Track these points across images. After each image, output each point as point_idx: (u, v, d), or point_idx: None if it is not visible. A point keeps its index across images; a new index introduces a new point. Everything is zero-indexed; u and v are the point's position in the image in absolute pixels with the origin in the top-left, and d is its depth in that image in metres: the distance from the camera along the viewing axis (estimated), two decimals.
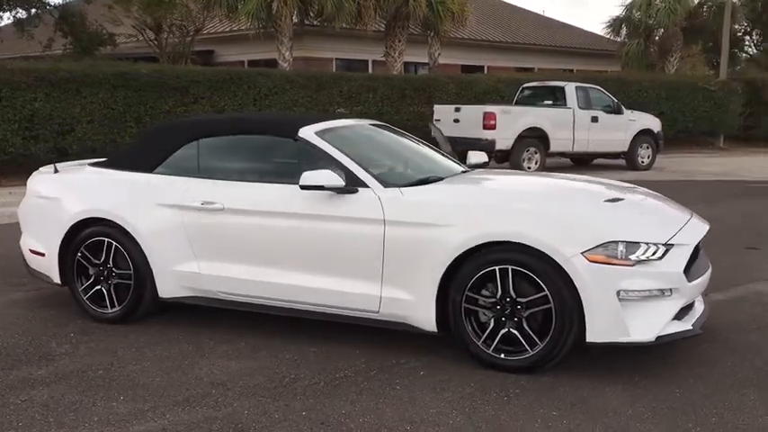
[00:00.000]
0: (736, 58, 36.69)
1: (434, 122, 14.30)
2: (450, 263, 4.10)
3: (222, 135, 5.09)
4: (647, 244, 3.92)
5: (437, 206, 4.28)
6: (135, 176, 5.10)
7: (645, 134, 15.78)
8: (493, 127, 13.77)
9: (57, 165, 5.59)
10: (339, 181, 4.37)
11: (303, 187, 4.38)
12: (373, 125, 5.63)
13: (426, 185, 4.60)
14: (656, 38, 25.22)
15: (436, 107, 15.34)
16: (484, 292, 4.12)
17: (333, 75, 17.61)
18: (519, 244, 3.95)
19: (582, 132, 14.83)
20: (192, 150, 5.04)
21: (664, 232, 4.05)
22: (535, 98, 15.70)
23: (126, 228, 4.93)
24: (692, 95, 21.75)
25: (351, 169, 4.47)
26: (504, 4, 32.28)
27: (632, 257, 3.88)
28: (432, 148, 5.67)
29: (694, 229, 4.30)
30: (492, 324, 4.09)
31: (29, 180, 5.63)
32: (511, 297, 4.02)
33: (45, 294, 5.85)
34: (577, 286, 3.85)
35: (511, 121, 14.01)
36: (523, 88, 16.14)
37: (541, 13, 34.98)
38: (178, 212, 4.84)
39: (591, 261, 3.84)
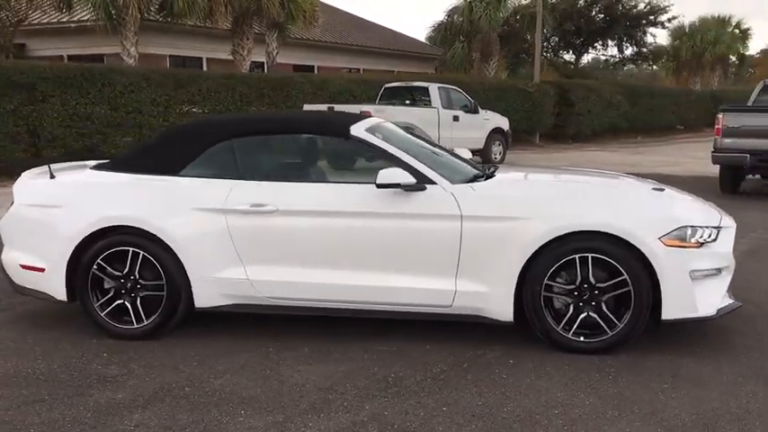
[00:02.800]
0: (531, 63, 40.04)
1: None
2: (531, 254, 4.31)
3: (261, 134, 4.88)
4: (703, 228, 4.39)
5: (515, 200, 4.47)
6: (161, 180, 4.74)
7: (497, 132, 16.90)
8: None
9: (51, 167, 5.02)
10: (411, 179, 4.42)
11: (380, 186, 4.37)
12: (395, 123, 5.68)
13: (489, 181, 4.76)
14: (476, 42, 26.88)
15: (306, 107, 15.31)
16: (558, 279, 4.38)
17: (191, 72, 16.92)
18: (602, 233, 4.25)
19: (446, 131, 15.55)
20: (225, 151, 4.78)
21: (714, 217, 4.56)
22: (397, 98, 16.20)
23: (158, 235, 4.58)
24: (515, 96, 23.53)
25: (415, 167, 4.52)
26: (329, 6, 32.70)
27: (693, 240, 4.33)
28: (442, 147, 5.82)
29: (727, 215, 4.87)
30: (571, 310, 4.36)
31: (16, 187, 5.00)
32: (589, 283, 4.32)
33: (23, 313, 5.27)
34: (656, 269, 4.22)
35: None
36: (386, 88, 16.58)
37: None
38: (221, 216, 4.59)
39: (667, 245, 4.24)
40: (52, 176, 4.92)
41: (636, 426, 3.44)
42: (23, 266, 4.86)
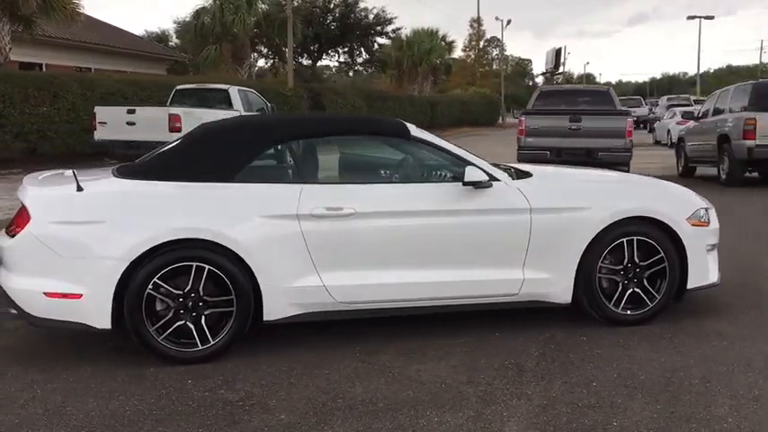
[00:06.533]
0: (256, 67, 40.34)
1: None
2: (590, 240, 4.77)
3: (319, 136, 4.68)
4: (702, 209, 5.21)
5: (576, 192, 4.89)
6: (222, 187, 4.36)
7: None
8: (179, 129, 13.32)
9: (78, 177, 4.25)
10: (485, 176, 4.62)
11: (466, 183, 4.52)
12: None
13: (536, 177, 5.07)
14: (227, 45, 26.56)
15: (98, 108, 14.00)
16: (605, 261, 4.90)
17: None
18: (645, 217, 4.85)
19: None
20: (283, 154, 4.55)
21: (703, 200, 5.39)
22: (190, 100, 15.53)
23: (230, 247, 4.21)
24: (272, 99, 23.73)
25: (480, 165, 4.72)
26: None
27: (704, 219, 5.11)
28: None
29: None
30: (620, 288, 4.90)
31: (31, 200, 4.16)
32: (634, 262, 4.90)
33: (8, 350, 4.43)
34: (686, 246, 4.92)
35: (195, 123, 13.70)
36: (177, 90, 15.80)
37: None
38: (294, 223, 4.35)
39: (692, 225, 4.98)
40: (80, 188, 4.21)
41: (751, 377, 4.05)
42: (49, 294, 4.11)
